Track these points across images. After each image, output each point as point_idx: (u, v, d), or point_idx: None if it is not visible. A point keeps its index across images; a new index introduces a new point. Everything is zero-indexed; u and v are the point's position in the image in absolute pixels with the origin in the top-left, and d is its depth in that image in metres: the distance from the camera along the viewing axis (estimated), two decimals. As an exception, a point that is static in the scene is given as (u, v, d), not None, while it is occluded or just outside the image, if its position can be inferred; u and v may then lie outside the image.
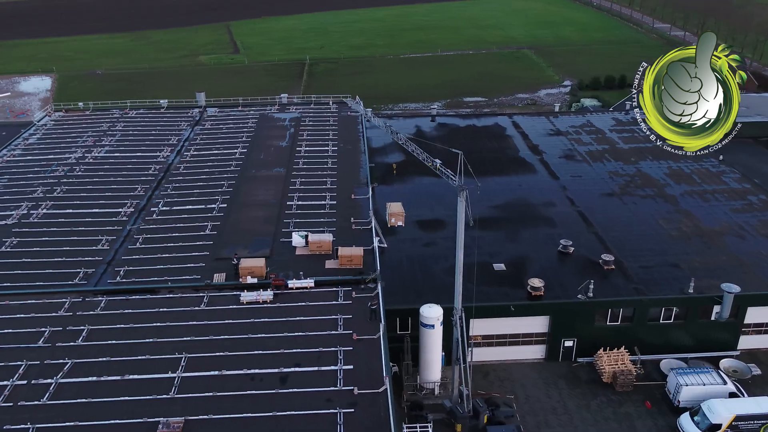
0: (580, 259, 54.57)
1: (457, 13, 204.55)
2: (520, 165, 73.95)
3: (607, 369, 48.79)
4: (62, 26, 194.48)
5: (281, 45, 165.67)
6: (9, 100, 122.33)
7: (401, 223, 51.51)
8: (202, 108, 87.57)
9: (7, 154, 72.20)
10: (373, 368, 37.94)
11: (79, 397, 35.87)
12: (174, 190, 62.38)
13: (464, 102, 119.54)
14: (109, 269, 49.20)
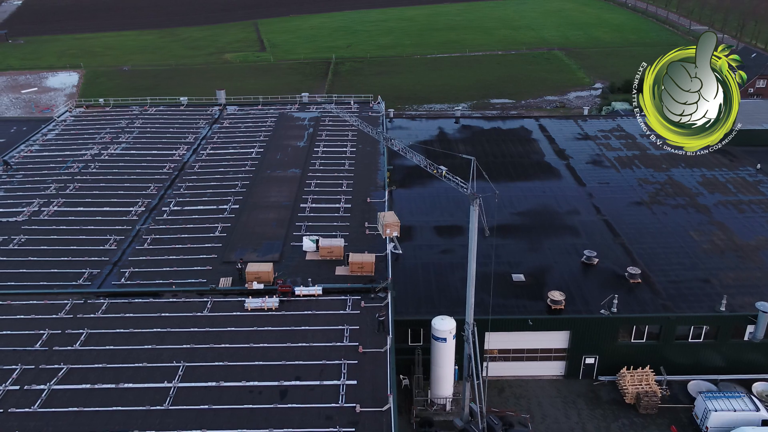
0: (605, 271, 51.78)
1: (489, 13, 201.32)
2: (545, 170, 71.19)
3: (630, 389, 46.02)
4: (94, 22, 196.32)
5: (308, 43, 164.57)
6: (36, 96, 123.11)
7: (397, 234, 49.29)
8: (221, 106, 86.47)
9: (24, 149, 71.87)
10: (378, 384, 35.96)
11: (71, 405, 34.57)
12: (187, 189, 61.18)
13: (491, 103, 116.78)
14: (115, 270, 48.08)
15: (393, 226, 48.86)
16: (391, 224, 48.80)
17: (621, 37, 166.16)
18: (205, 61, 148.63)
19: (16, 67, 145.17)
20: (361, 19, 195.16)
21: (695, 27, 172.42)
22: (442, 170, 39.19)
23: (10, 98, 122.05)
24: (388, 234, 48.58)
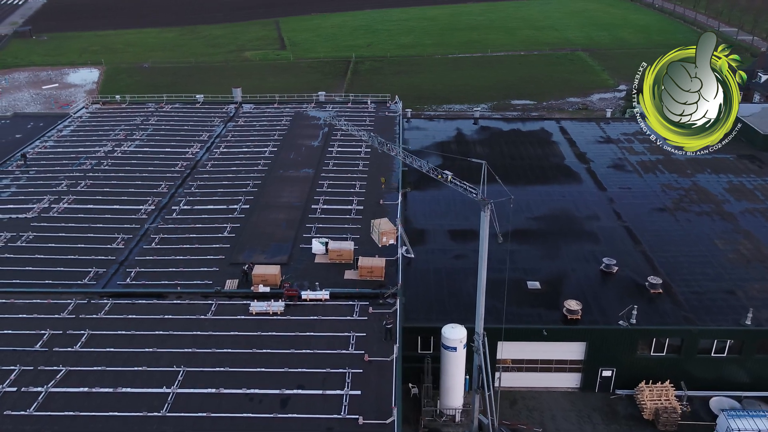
0: (624, 280, 49.83)
1: (512, 13, 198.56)
2: (565, 173, 69.22)
3: (648, 404, 44.09)
4: (116, 20, 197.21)
5: (328, 42, 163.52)
6: (56, 91, 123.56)
7: (393, 242, 47.72)
8: (237, 104, 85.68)
9: (39, 145, 71.66)
10: (383, 395, 34.61)
11: (68, 409, 33.73)
12: (198, 188, 60.36)
13: (511, 104, 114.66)
14: (121, 270, 47.32)
15: (389, 234, 47.48)
16: (388, 232, 47.41)
17: (647, 38, 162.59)
18: (224, 59, 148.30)
19: (38, 63, 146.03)
20: (382, 18, 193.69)
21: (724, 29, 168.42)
22: (447, 175, 37.60)
23: (31, 94, 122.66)
24: (384, 242, 47.04)
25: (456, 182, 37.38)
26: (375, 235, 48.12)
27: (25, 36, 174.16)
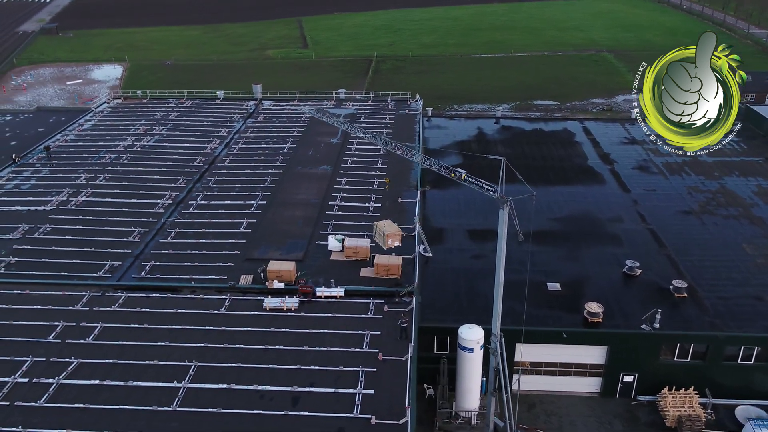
0: (648, 283, 48.46)
1: (536, 14, 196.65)
2: (588, 174, 67.84)
3: (671, 411, 42.73)
4: (141, 18, 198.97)
5: (350, 41, 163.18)
6: (80, 87, 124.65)
7: (398, 243, 46.69)
8: (257, 100, 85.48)
9: (60, 138, 71.99)
10: (396, 395, 33.75)
11: (78, 401, 33.38)
12: (215, 183, 60.05)
13: (534, 105, 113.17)
14: (136, 263, 47.02)
15: (395, 236, 46.56)
16: (393, 234, 46.48)
17: (674, 40, 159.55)
18: (246, 57, 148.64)
19: (63, 59, 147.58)
20: (405, 18, 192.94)
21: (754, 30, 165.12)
22: (460, 173, 36.64)
23: (56, 89, 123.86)
24: (389, 245, 46.09)
25: (471, 180, 36.40)
26: (379, 237, 47.04)
27: (51, 33, 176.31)
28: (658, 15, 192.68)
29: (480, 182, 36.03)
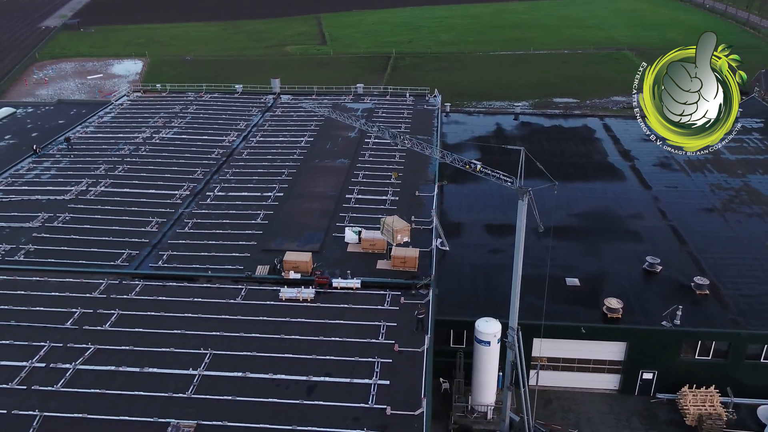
0: (669, 280, 47.67)
1: (555, 12, 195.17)
2: (608, 171, 67.01)
3: (691, 410, 41.99)
4: (162, 14, 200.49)
5: (369, 38, 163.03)
6: (100, 81, 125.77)
7: (407, 239, 46.19)
8: (276, 95, 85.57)
9: (80, 130, 72.53)
10: (412, 386, 33.44)
11: (94, 387, 33.46)
12: (233, 175, 60.12)
13: (553, 103, 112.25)
14: (154, 252, 47.16)
15: (404, 231, 46.08)
16: (402, 230, 45.99)
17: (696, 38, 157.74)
18: (265, 53, 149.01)
19: (84, 54, 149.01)
20: (424, 16, 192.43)
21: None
22: (475, 165, 36.24)
23: (77, 83, 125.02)
24: (399, 241, 45.62)
25: (487, 171, 35.96)
26: (388, 233, 46.50)
27: (73, 28, 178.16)
28: (680, 14, 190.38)
29: (497, 173, 35.58)
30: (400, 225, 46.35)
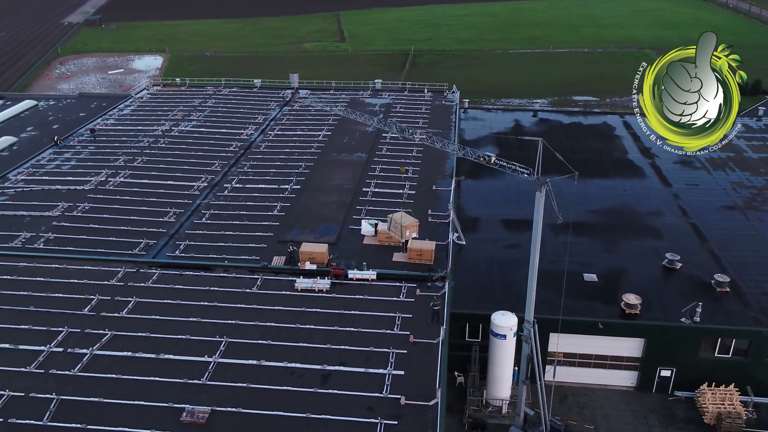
0: (688, 277, 47.05)
1: (575, 11, 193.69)
2: (627, 168, 66.30)
3: (710, 408, 41.40)
4: (182, 11, 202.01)
5: (388, 35, 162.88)
6: (121, 76, 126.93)
7: (416, 235, 45.92)
8: (294, 89, 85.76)
9: (100, 122, 73.17)
10: (427, 377, 33.28)
11: (110, 371, 33.68)
12: (251, 168, 60.30)
13: (573, 101, 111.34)
14: (171, 242, 47.41)
15: (412, 227, 45.77)
16: (410, 225, 45.68)
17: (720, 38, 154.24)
18: (284, 50, 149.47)
19: (105, 50, 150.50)
20: (443, 14, 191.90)
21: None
22: (489, 157, 35.98)
23: (98, 78, 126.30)
24: (407, 237, 45.33)
25: (502, 163, 35.67)
26: (395, 229, 46.12)
27: (95, 24, 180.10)
28: (702, 13, 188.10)
29: (513, 165, 35.28)
30: (409, 221, 46.07)
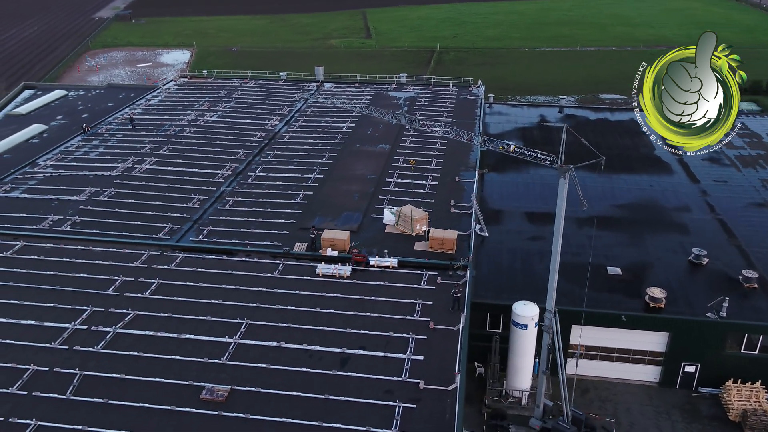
0: (715, 273, 46.19)
1: (604, 10, 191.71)
2: (654, 164, 65.35)
3: (736, 405, 40.60)
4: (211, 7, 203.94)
5: (413, 33, 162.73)
6: (149, 70, 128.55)
7: (426, 228, 45.59)
8: (319, 82, 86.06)
9: (128, 112, 74.10)
10: (446, 363, 33.08)
11: (133, 349, 34.05)
12: (275, 157, 60.60)
13: (599, 99, 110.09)
14: (195, 227, 47.81)
15: (423, 220, 45.48)
16: (421, 219, 45.39)
17: (752, 38, 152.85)
18: (310, 45, 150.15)
19: (135, 44, 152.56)
20: (470, 12, 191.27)
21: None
22: (509, 145, 35.73)
23: (126, 71, 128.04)
24: (418, 231, 45.05)
25: (522, 152, 35.34)
26: (405, 223, 45.71)
27: (125, 19, 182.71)
28: (735, 13, 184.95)
29: (534, 152, 34.94)
30: (419, 214, 45.82)
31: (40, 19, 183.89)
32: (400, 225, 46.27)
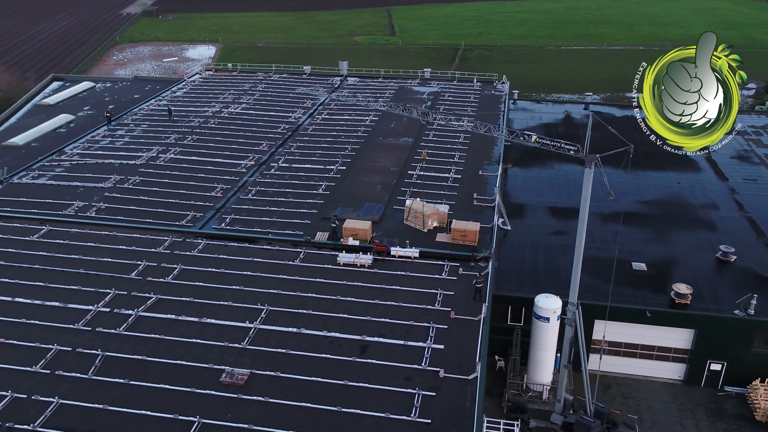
0: (743, 270, 45.29)
1: (632, 9, 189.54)
2: (681, 161, 64.21)
3: (762, 405, 39.72)
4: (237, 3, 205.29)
5: (438, 30, 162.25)
6: (175, 64, 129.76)
7: (437, 224, 45.03)
8: (343, 77, 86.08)
9: (154, 103, 74.81)
10: (467, 352, 32.79)
11: (154, 332, 34.26)
12: (297, 149, 60.68)
13: (625, 97, 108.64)
14: (217, 215, 48.04)
15: (433, 216, 44.98)
16: (432, 214, 44.88)
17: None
18: (334, 42, 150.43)
19: (161, 39, 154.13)
20: (495, 10, 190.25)
21: None
22: (531, 136, 35.39)
23: (153, 65, 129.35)
24: (429, 226, 44.57)
25: (545, 142, 34.92)
26: (416, 219, 45.11)
27: (152, 15, 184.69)
28: (764, 13, 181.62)
29: (558, 142, 34.50)
30: (430, 210, 45.34)
31: (70, 13, 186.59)
32: (410, 220, 45.87)
